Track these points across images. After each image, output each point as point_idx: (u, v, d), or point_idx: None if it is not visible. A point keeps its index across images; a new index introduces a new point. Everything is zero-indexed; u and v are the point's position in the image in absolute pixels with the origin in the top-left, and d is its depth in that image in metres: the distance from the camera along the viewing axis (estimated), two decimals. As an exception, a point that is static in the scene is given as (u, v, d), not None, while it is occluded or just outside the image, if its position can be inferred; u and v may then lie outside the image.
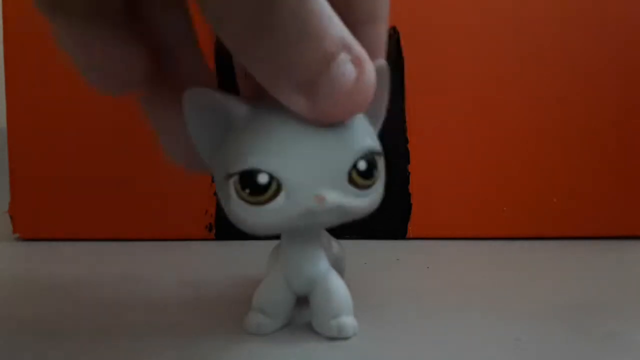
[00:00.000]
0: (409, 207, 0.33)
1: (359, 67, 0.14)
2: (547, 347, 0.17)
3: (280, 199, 0.15)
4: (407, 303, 0.21)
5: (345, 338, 0.17)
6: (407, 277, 0.26)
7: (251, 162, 0.15)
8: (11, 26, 0.33)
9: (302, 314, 0.19)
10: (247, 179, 0.15)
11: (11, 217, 0.33)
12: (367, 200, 0.16)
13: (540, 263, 0.28)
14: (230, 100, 0.15)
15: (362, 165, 0.15)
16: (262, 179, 0.14)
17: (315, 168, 0.15)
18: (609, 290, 0.23)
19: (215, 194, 0.33)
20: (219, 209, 0.33)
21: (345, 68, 0.13)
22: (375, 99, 0.16)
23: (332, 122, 0.14)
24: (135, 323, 0.19)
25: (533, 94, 0.33)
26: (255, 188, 0.15)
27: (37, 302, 0.22)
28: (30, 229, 0.34)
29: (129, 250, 0.31)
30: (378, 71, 0.15)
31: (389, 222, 0.33)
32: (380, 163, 0.16)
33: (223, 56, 0.15)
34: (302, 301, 0.18)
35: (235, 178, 0.15)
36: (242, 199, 0.15)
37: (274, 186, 0.15)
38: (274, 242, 0.19)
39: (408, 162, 0.33)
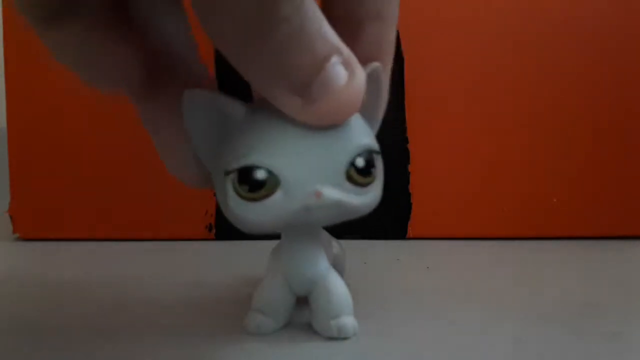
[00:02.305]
0: (409, 207, 0.33)
1: (349, 69, 0.14)
2: (547, 347, 0.17)
3: (278, 195, 0.15)
4: (407, 303, 0.21)
5: (345, 338, 0.17)
6: (407, 277, 0.26)
7: (250, 159, 0.15)
8: (11, 26, 0.33)
9: (302, 314, 0.19)
10: (246, 175, 0.15)
11: (11, 217, 0.33)
12: (366, 198, 0.16)
13: (540, 263, 0.28)
14: (228, 101, 0.16)
15: (360, 162, 0.15)
16: (260, 175, 0.15)
17: (313, 164, 0.15)
18: (609, 290, 0.23)
19: (215, 194, 0.33)
20: (219, 209, 0.33)
21: (338, 70, 0.14)
22: (369, 101, 0.16)
23: (324, 125, 0.15)
24: (135, 323, 0.19)
25: (533, 94, 0.33)
26: (254, 184, 0.15)
27: (37, 302, 0.22)
28: (30, 229, 0.34)
29: (129, 250, 0.31)
30: (371, 73, 0.16)
31: (389, 222, 0.33)
32: (379, 162, 0.16)
33: (224, 61, 0.15)
34: (302, 301, 0.18)
35: (234, 175, 0.15)
36: (240, 195, 0.15)
37: (271, 182, 0.15)
38: (274, 242, 0.19)
39: (408, 162, 0.33)
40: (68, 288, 0.24)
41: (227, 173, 0.15)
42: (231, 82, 0.18)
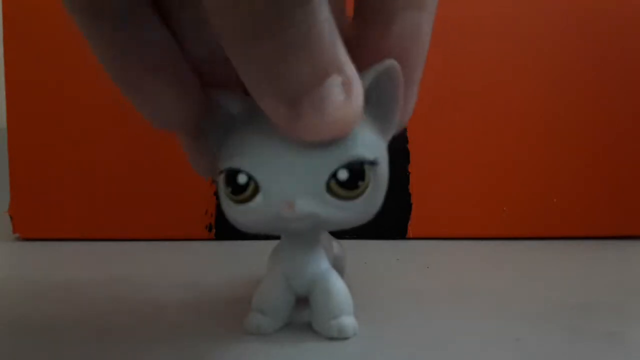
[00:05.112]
0: (409, 207, 0.33)
1: (347, 90, 0.13)
2: (547, 347, 0.17)
3: (258, 200, 0.15)
4: (407, 303, 0.21)
5: (345, 338, 0.17)
6: (407, 277, 0.26)
7: (234, 162, 0.15)
8: (11, 26, 0.33)
9: (302, 314, 0.19)
10: (230, 177, 0.15)
11: (11, 217, 0.33)
12: (350, 212, 0.15)
13: (540, 263, 0.28)
14: (227, 98, 0.16)
15: (342, 174, 0.15)
16: (242, 179, 0.15)
17: (293, 174, 0.14)
18: (609, 290, 0.23)
19: (215, 193, 0.33)
20: (219, 209, 0.33)
21: (335, 90, 0.13)
22: (383, 101, 0.15)
23: (309, 141, 0.14)
24: (135, 323, 0.19)
25: (533, 94, 0.33)
26: (235, 187, 0.15)
27: (37, 302, 0.22)
28: (30, 229, 0.34)
29: (129, 250, 0.31)
30: (387, 71, 0.15)
31: (389, 222, 0.33)
32: (376, 173, 0.15)
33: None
34: (302, 301, 0.18)
35: (222, 175, 0.15)
36: (226, 195, 0.15)
37: (252, 187, 0.15)
38: (274, 242, 0.19)
39: (408, 162, 0.33)
40: (68, 288, 0.24)
41: (220, 172, 0.16)
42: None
